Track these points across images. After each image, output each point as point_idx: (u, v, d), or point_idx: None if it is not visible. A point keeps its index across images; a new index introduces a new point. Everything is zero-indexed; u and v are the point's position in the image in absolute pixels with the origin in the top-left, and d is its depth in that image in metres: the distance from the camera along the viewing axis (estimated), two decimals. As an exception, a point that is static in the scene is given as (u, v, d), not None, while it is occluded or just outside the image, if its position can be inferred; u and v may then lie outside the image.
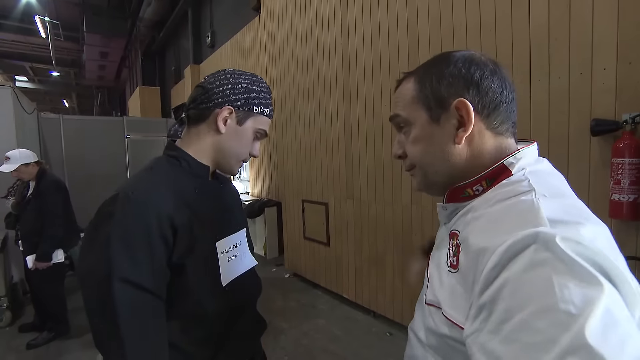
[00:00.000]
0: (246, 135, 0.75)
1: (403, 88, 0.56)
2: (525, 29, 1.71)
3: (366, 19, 2.63)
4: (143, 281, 0.60)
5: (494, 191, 0.48)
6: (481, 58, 0.51)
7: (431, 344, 0.52)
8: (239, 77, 0.74)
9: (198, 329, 0.70)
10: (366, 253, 2.83)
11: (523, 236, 0.37)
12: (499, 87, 0.49)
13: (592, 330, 0.29)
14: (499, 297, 0.36)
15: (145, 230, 0.61)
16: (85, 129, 4.74)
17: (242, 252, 0.82)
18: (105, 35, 10.28)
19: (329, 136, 3.12)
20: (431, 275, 0.55)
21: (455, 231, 0.50)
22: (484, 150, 0.50)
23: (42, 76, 15.11)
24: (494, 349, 0.36)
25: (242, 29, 5.53)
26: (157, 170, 0.71)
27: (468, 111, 0.48)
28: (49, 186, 2.52)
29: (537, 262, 0.35)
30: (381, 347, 2.42)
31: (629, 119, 1.36)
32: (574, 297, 0.32)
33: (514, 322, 0.34)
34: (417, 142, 0.54)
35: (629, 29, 1.38)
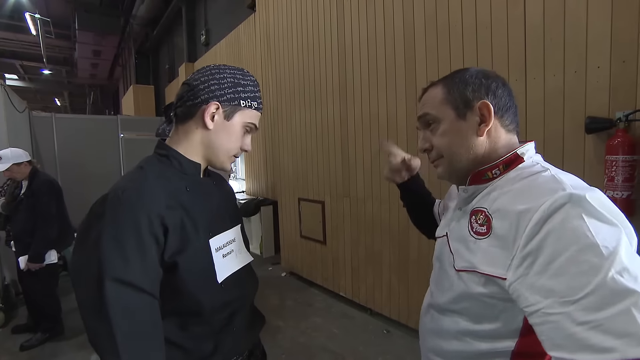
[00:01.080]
0: (235, 130, 0.75)
1: (432, 92, 0.67)
2: (520, 27, 1.72)
3: (362, 17, 2.63)
4: (135, 280, 0.60)
5: (513, 173, 0.59)
6: (494, 73, 0.65)
7: (462, 308, 0.61)
8: (224, 71, 0.74)
9: (195, 325, 0.71)
10: (363, 251, 2.83)
11: (559, 196, 0.47)
12: (507, 95, 0.63)
13: (625, 257, 0.42)
14: (544, 244, 0.46)
15: (136, 229, 0.61)
16: (78, 128, 4.66)
17: (237, 248, 0.82)
18: (97, 32, 10.15)
19: (325, 134, 3.11)
20: (456, 249, 0.63)
21: (481, 208, 0.59)
22: (499, 143, 0.62)
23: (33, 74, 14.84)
24: (544, 284, 0.45)
25: (237, 27, 5.50)
26: (147, 170, 0.71)
27: (489, 110, 0.60)
28: (42, 186, 2.48)
29: (574, 215, 0.45)
30: (378, 344, 2.43)
31: (623, 117, 1.38)
32: (606, 236, 0.43)
33: (560, 260, 0.44)
34: (445, 135, 0.64)
35: (623, 28, 1.40)
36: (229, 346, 0.77)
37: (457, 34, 2.01)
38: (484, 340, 0.58)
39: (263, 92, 4.73)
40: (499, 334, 0.56)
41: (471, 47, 1.94)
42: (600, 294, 0.40)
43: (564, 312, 0.42)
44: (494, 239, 0.53)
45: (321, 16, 3.04)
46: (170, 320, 0.68)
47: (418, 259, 2.38)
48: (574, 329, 0.41)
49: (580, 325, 0.41)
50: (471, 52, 1.94)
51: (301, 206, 3.53)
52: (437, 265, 0.71)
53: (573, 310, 0.42)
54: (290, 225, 3.77)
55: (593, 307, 0.41)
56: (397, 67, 2.40)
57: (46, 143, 4.45)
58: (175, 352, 0.69)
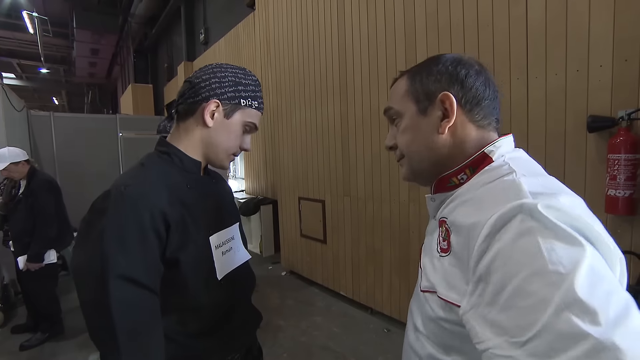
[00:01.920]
0: (234, 128, 0.75)
1: (397, 84, 0.61)
2: (522, 26, 1.72)
3: (363, 15, 2.62)
4: (137, 276, 0.60)
5: (477, 177, 0.51)
6: (468, 59, 0.56)
7: (429, 331, 0.54)
8: (226, 70, 0.74)
9: (194, 322, 0.71)
10: (363, 250, 2.83)
11: (509, 208, 0.39)
12: (482, 85, 0.54)
13: (581, 286, 0.33)
14: (492, 268, 0.39)
15: (139, 225, 0.61)
16: (77, 127, 4.64)
17: (235, 246, 0.83)
18: (95, 31, 10.12)
19: (325, 133, 3.11)
20: (424, 265, 0.58)
21: (444, 218, 0.53)
22: (466, 140, 0.54)
23: (31, 73, 14.79)
24: (494, 319, 0.38)
25: (236, 26, 5.48)
26: (149, 166, 0.71)
27: (451, 103, 0.52)
28: (41, 185, 2.46)
29: (524, 231, 0.38)
30: (379, 343, 2.43)
31: (625, 116, 1.38)
32: (561, 258, 0.35)
33: (508, 290, 0.37)
34: (405, 132, 0.58)
35: (625, 27, 1.40)
36: (226, 343, 0.77)
37: (459, 33, 2.00)
38: None
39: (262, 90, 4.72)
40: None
41: (472, 45, 1.94)
42: (547, 338, 0.33)
43: (512, 356, 0.35)
44: (453, 257, 0.47)
45: (321, 14, 3.03)
46: (169, 317, 0.69)
47: (418, 258, 2.37)
48: None
49: None
50: (472, 50, 1.94)
51: (301, 205, 3.52)
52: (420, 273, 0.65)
53: (520, 355, 0.35)
54: (291, 224, 3.76)
55: (541, 352, 0.33)
56: (397, 66, 2.39)
57: (45, 142, 4.43)
58: (173, 348, 0.69)
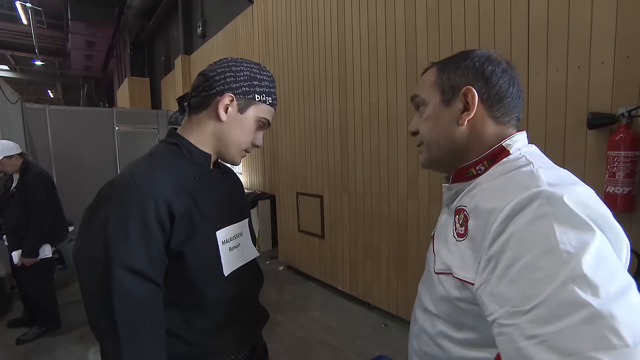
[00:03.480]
0: (248, 123, 0.74)
1: (427, 74, 0.64)
2: (524, 21, 1.71)
3: (363, 9, 2.59)
4: (139, 266, 0.60)
5: (495, 168, 0.55)
6: (497, 57, 0.59)
7: (441, 311, 0.57)
8: (241, 65, 0.73)
9: (199, 318, 0.70)
10: (361, 245, 2.84)
11: (528, 194, 0.43)
12: (506, 83, 0.57)
13: (587, 264, 0.37)
14: (506, 247, 0.42)
15: (142, 215, 0.61)
16: (72, 120, 4.59)
17: (244, 243, 0.81)
18: (91, 23, 9.96)
19: (324, 128, 3.09)
20: (438, 250, 0.61)
21: (462, 207, 0.56)
22: (484, 135, 0.57)
23: (25, 65, 14.57)
24: (502, 291, 0.41)
25: (234, 19, 5.42)
26: (156, 156, 0.70)
27: (473, 97, 0.56)
28: (35, 179, 2.42)
29: (540, 215, 0.41)
30: (376, 338, 2.45)
31: (625, 113, 1.38)
32: (572, 240, 0.38)
33: (518, 265, 0.40)
34: (427, 120, 0.61)
35: (627, 23, 1.39)
36: (231, 343, 0.76)
37: (460, 28, 1.99)
38: (463, 347, 0.55)
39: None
40: (478, 342, 0.53)
41: (473, 41, 1.93)
42: (551, 305, 0.37)
43: (515, 323, 0.39)
44: (469, 240, 0.51)
45: (321, 8, 3.00)
46: (174, 312, 0.68)
47: (416, 254, 2.39)
48: (521, 343, 0.38)
49: (528, 339, 0.38)
50: (473, 46, 1.93)
51: (299, 200, 3.51)
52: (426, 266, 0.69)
53: (523, 322, 0.38)
54: (288, 219, 3.76)
55: (542, 319, 0.37)
56: (397, 60, 2.37)
57: (40, 135, 4.38)
58: (179, 345, 0.69)
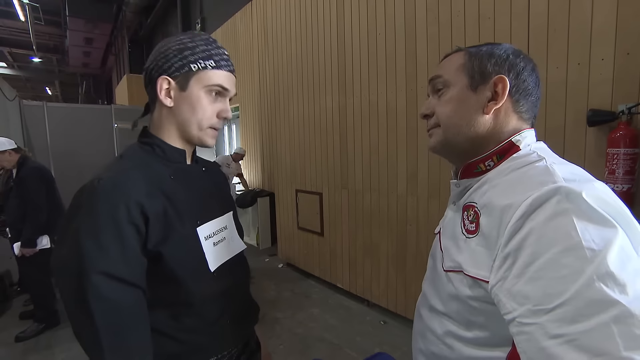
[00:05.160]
0: (195, 98, 0.68)
1: (453, 57, 0.61)
2: (524, 18, 1.70)
3: (362, 7, 2.58)
4: (116, 272, 0.59)
5: (505, 164, 0.54)
6: (527, 56, 0.58)
7: (451, 310, 0.56)
8: (169, 42, 0.69)
9: (187, 315, 0.69)
10: (360, 243, 2.84)
11: (546, 190, 0.42)
12: (533, 81, 0.57)
13: (613, 261, 0.36)
14: (525, 244, 0.41)
15: (113, 219, 0.59)
16: (71, 117, 4.57)
17: (229, 236, 0.80)
18: (89, 20, 9.89)
19: (323, 126, 3.09)
20: (445, 247, 0.60)
21: (471, 203, 0.55)
22: (505, 127, 0.56)
23: (22, 62, 14.48)
24: (520, 289, 0.40)
25: (233, 16, 5.39)
26: (127, 158, 0.69)
27: (504, 87, 0.55)
28: (29, 173, 2.52)
29: (559, 211, 0.40)
30: (375, 335, 2.45)
31: (625, 110, 1.38)
32: (594, 237, 0.37)
33: (539, 262, 0.39)
34: (449, 102, 0.59)
35: (628, 20, 1.39)
36: (223, 338, 0.75)
37: (459, 25, 1.98)
38: (473, 346, 0.54)
39: (260, 82, 4.67)
40: (489, 342, 0.52)
41: (473, 37, 1.92)
42: (577, 304, 0.36)
43: (537, 322, 0.38)
44: (481, 237, 0.50)
45: (320, 5, 2.99)
46: (162, 311, 0.67)
47: (416, 251, 2.39)
48: (545, 343, 0.37)
49: (552, 338, 0.36)
50: (473, 42, 1.89)
51: (298, 197, 3.51)
52: (430, 263, 0.67)
53: (546, 321, 0.37)
54: (288, 216, 3.76)
55: (568, 318, 0.36)
56: (397, 57, 2.37)
57: (38, 132, 4.36)
58: (169, 343, 0.68)
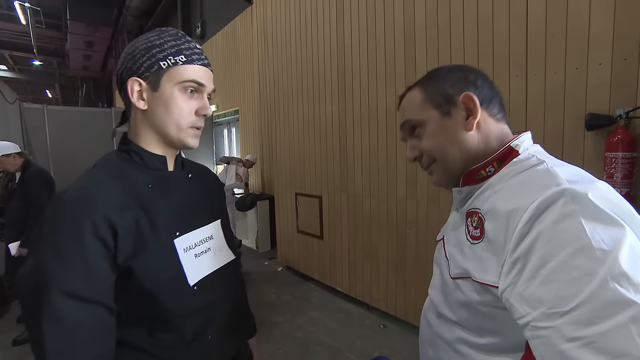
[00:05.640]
0: (169, 97, 0.64)
1: (409, 97, 0.64)
2: (522, 23, 1.72)
3: (362, 11, 2.60)
4: (76, 289, 0.55)
5: (506, 169, 0.55)
6: (469, 66, 0.62)
7: (461, 317, 0.56)
8: (136, 43, 0.66)
9: (165, 332, 0.65)
10: (360, 246, 2.84)
11: (551, 193, 0.42)
12: (487, 84, 0.60)
13: (625, 261, 0.36)
14: (534, 247, 0.41)
15: (78, 234, 0.56)
16: (71, 120, 4.58)
17: (215, 246, 0.75)
18: (90, 23, 9.94)
19: (323, 129, 3.09)
20: (450, 254, 0.60)
21: (474, 209, 0.55)
22: (491, 134, 0.58)
23: (23, 65, 14.53)
24: (533, 293, 0.40)
25: (233, 20, 5.43)
26: (100, 168, 0.65)
27: (474, 101, 0.57)
28: (34, 176, 2.55)
29: (567, 213, 0.40)
30: (375, 339, 2.45)
31: (623, 114, 1.39)
32: (603, 237, 0.38)
33: (549, 266, 0.39)
34: (433, 137, 0.60)
35: (625, 25, 1.40)
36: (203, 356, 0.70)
37: (458, 29, 2.00)
38: (485, 353, 0.54)
39: (260, 85, 4.69)
40: (502, 347, 0.52)
41: (472, 42, 1.93)
42: (592, 306, 0.36)
43: (553, 325, 0.38)
44: (487, 243, 0.50)
45: (320, 10, 3.01)
46: (138, 327, 0.64)
47: (416, 255, 2.39)
48: (563, 346, 0.37)
49: (570, 341, 0.36)
50: (472, 47, 1.93)
51: (298, 201, 3.51)
52: (436, 271, 0.67)
53: (562, 324, 0.37)
54: (287, 220, 3.75)
55: (584, 320, 0.36)
56: (397, 62, 2.38)
57: (38, 135, 4.37)
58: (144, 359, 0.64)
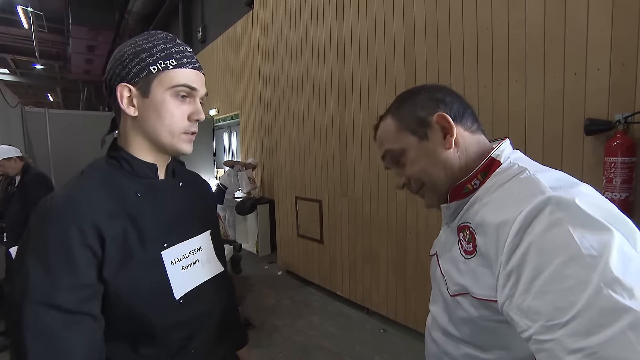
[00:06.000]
0: (160, 102, 0.62)
1: (383, 127, 0.65)
2: (521, 29, 1.73)
3: (362, 16, 2.62)
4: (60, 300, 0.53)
5: (490, 180, 0.55)
6: (435, 85, 0.63)
7: (465, 334, 0.56)
8: (125, 47, 0.64)
9: (148, 346, 0.63)
10: (360, 250, 2.83)
11: (537, 202, 0.42)
12: (455, 98, 0.61)
13: (615, 266, 0.36)
14: (526, 259, 0.41)
15: (64, 243, 0.54)
16: (72, 124, 4.59)
17: (203, 258, 0.73)
18: (92, 27, 10.01)
19: (323, 133, 3.11)
20: (446, 271, 0.59)
21: (465, 224, 0.55)
22: (470, 147, 0.59)
23: (25, 69, 14.60)
24: (530, 305, 0.40)
25: (234, 24, 5.46)
26: (88, 174, 0.63)
27: (448, 120, 0.58)
28: (34, 178, 2.59)
29: (554, 222, 0.40)
30: (375, 343, 2.44)
31: (622, 119, 1.40)
32: (592, 243, 0.38)
33: (543, 277, 0.39)
34: (415, 162, 0.61)
35: (622, 31, 1.42)
36: None
37: (458, 35, 2.01)
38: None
39: (260, 89, 4.70)
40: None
41: (471, 47, 1.95)
42: (589, 315, 0.35)
43: (554, 338, 0.38)
44: (480, 257, 0.50)
45: (320, 15, 3.03)
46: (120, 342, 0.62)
47: (416, 259, 2.39)
48: (566, 358, 0.36)
49: (572, 354, 0.36)
50: (471, 52, 1.95)
51: (298, 205, 3.51)
52: (434, 286, 0.67)
53: (562, 336, 0.37)
54: (287, 224, 3.75)
55: (583, 331, 0.35)
56: (396, 66, 2.39)
57: (39, 139, 4.38)
58: None
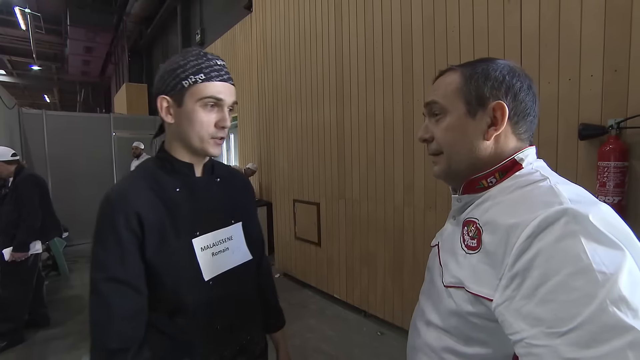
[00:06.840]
0: (191, 112, 0.73)
1: (447, 78, 0.59)
2: (516, 35, 1.76)
3: (360, 19, 2.64)
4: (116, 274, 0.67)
5: (508, 182, 0.54)
6: (522, 72, 0.56)
7: (449, 326, 0.56)
8: (165, 66, 0.76)
9: (181, 318, 0.75)
10: (357, 253, 2.84)
11: (554, 211, 0.42)
12: (531, 101, 0.56)
13: (624, 286, 0.36)
14: (533, 265, 0.41)
15: (114, 227, 0.68)
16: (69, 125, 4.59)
17: (234, 246, 0.83)
18: (90, 29, 10.02)
19: (321, 136, 3.12)
20: (445, 262, 0.59)
21: (472, 219, 0.54)
22: (505, 150, 0.56)
23: (22, 70, 14.55)
24: (531, 310, 0.40)
25: (233, 27, 5.47)
26: (138, 171, 0.79)
27: (503, 113, 0.54)
28: (25, 180, 2.60)
29: (568, 233, 0.40)
30: (373, 346, 2.44)
31: (615, 124, 1.42)
32: (604, 259, 0.38)
33: (549, 285, 0.39)
34: (449, 130, 0.58)
35: (615, 38, 1.44)
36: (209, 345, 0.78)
37: (454, 39, 2.04)
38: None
39: (259, 92, 4.72)
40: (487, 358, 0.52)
41: (468, 52, 1.97)
42: (591, 328, 0.36)
43: (549, 345, 0.38)
44: (484, 254, 0.49)
45: (318, 17, 3.05)
46: (159, 312, 0.74)
47: (413, 261, 2.40)
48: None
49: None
50: (468, 57, 1.97)
51: (296, 207, 3.52)
52: (428, 277, 0.67)
53: (559, 345, 0.37)
54: (285, 226, 3.76)
55: (582, 342, 0.36)
56: (394, 69, 2.42)
57: (36, 140, 4.37)
58: (165, 341, 0.74)
